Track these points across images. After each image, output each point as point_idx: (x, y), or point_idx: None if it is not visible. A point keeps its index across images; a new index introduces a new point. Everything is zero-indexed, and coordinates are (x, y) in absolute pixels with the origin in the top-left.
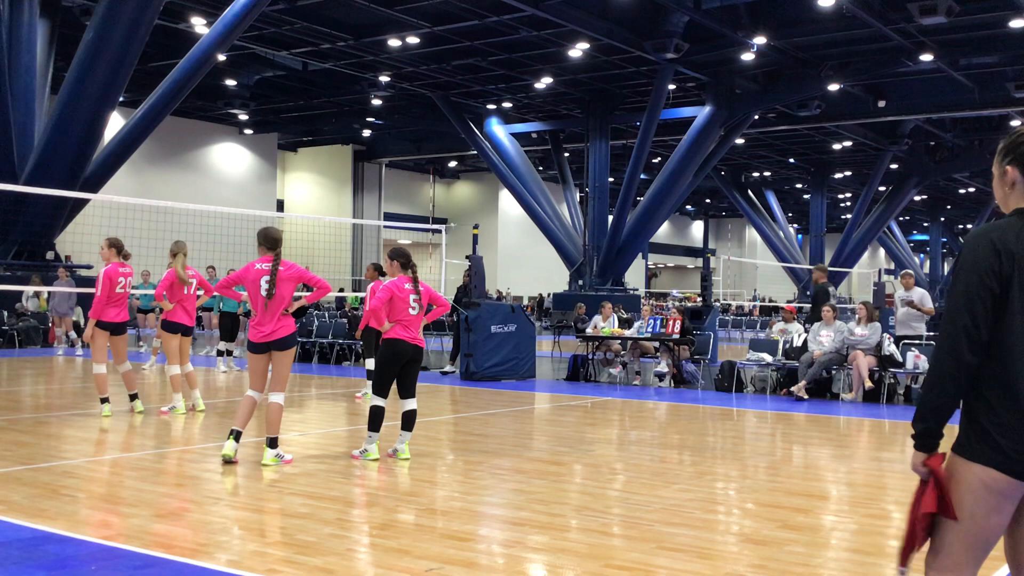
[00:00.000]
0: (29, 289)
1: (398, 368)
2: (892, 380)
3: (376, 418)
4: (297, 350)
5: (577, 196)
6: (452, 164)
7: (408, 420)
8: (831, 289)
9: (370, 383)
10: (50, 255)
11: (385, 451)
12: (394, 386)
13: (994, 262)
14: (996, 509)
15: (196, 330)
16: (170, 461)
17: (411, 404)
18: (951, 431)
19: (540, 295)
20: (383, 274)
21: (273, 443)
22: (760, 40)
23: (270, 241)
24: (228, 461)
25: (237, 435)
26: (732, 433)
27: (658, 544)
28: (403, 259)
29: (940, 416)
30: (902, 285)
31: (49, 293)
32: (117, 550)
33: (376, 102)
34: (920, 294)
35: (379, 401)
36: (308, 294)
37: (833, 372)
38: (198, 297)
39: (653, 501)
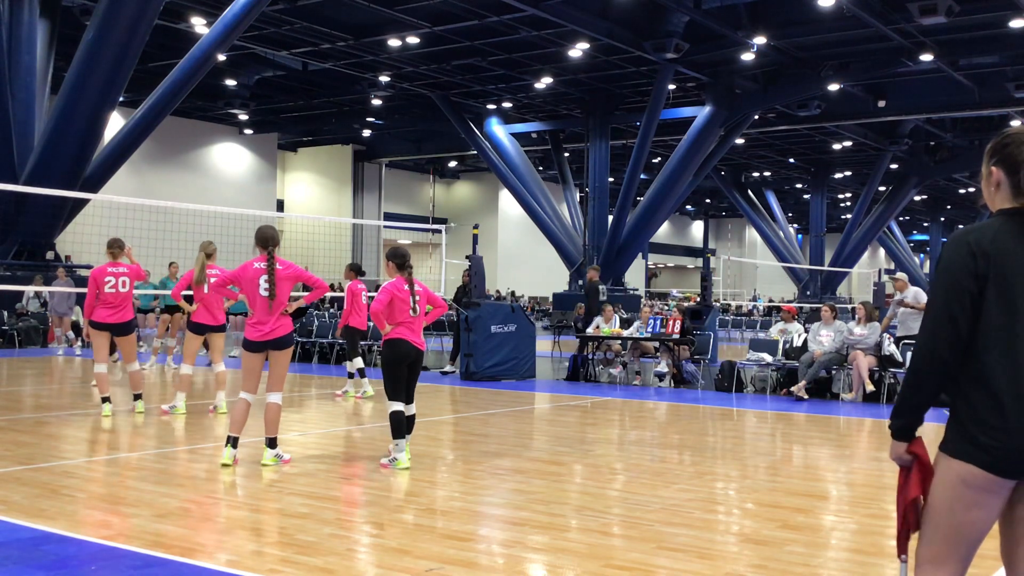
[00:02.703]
0: (30, 289)
1: (404, 369)
2: (892, 380)
3: (398, 424)
4: (296, 350)
5: (577, 196)
6: (452, 164)
7: (410, 425)
8: (602, 287)
9: (350, 382)
10: (50, 255)
11: (404, 460)
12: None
13: (970, 263)
14: (976, 504)
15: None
16: (170, 461)
17: (410, 410)
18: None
19: (511, 292)
20: (361, 274)
21: (272, 443)
22: (760, 40)
23: (262, 240)
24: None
25: (235, 441)
26: (732, 433)
27: (658, 544)
28: (399, 260)
29: (917, 412)
30: (896, 289)
31: (48, 293)
32: (117, 550)
33: (376, 102)
34: (914, 292)
35: (397, 406)
36: (306, 294)
37: (833, 372)
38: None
39: (653, 501)
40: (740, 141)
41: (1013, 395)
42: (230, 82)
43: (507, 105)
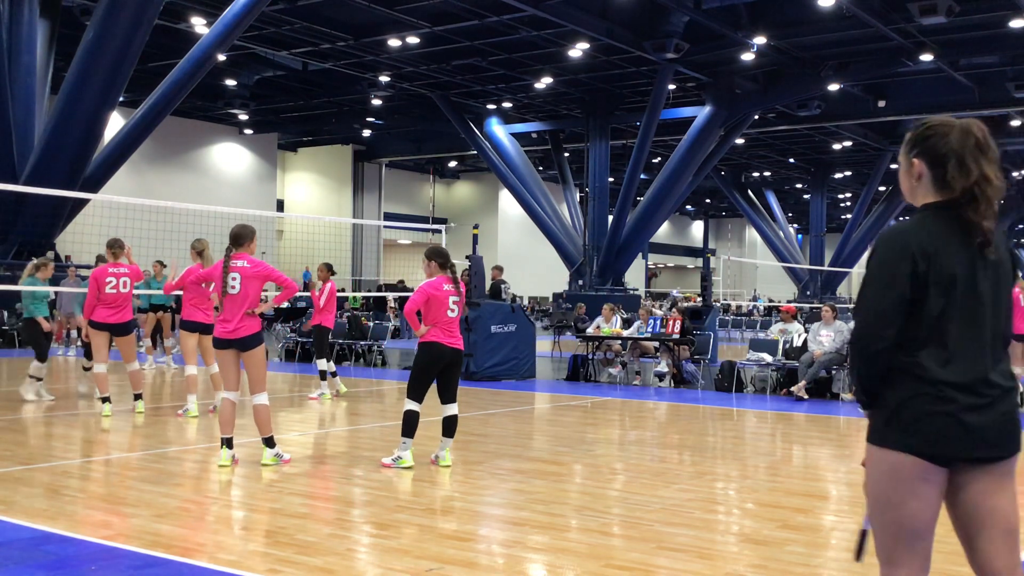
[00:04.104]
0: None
1: (435, 373)
2: None
3: (410, 424)
4: (296, 350)
5: (577, 196)
6: (452, 164)
7: (449, 426)
8: (504, 286)
9: (324, 384)
10: (50, 255)
11: (409, 458)
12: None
13: (909, 260)
14: (912, 494)
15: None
16: (170, 461)
17: (452, 409)
18: None
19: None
20: (333, 273)
21: (270, 442)
22: (760, 40)
23: (229, 238)
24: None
25: (229, 442)
26: (732, 433)
27: (658, 544)
28: (441, 259)
29: (872, 389)
30: None
31: (56, 294)
32: (117, 550)
33: (376, 102)
34: None
35: (413, 406)
36: (276, 295)
37: (833, 372)
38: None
39: (653, 501)
40: (740, 141)
41: (943, 382)
42: (230, 82)
43: (507, 105)
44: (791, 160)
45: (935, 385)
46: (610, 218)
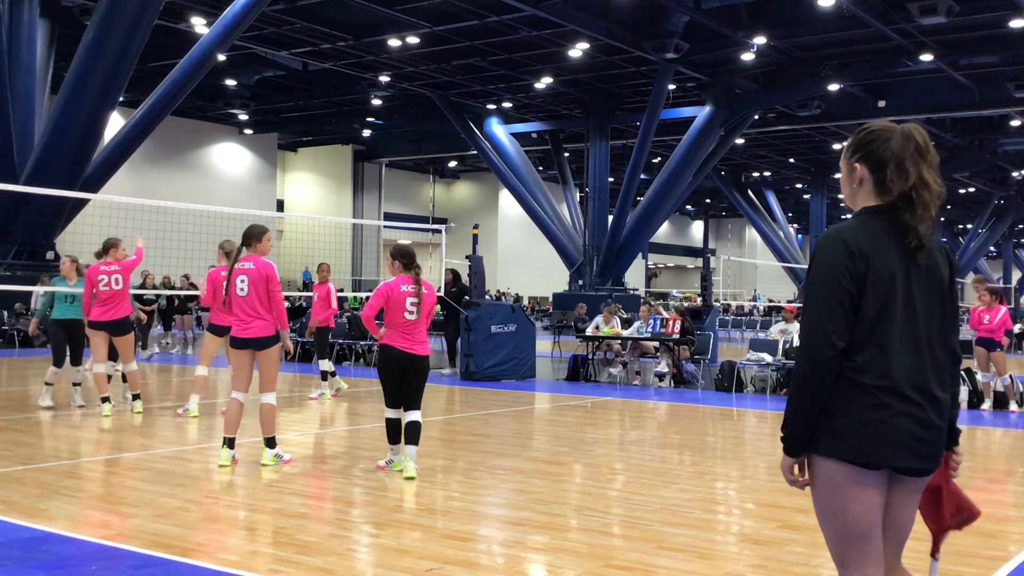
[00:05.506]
0: (39, 289)
1: (396, 375)
2: None
3: (391, 431)
4: (297, 349)
5: (577, 196)
6: (452, 164)
7: (411, 433)
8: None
9: (325, 384)
10: (50, 255)
11: (401, 462)
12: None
13: (849, 263)
14: (852, 499)
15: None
16: (170, 461)
17: (413, 416)
18: None
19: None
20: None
21: (271, 443)
22: (760, 40)
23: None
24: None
25: (231, 442)
26: (732, 433)
27: (658, 544)
28: (406, 259)
29: (807, 420)
30: None
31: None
32: (117, 550)
33: (376, 102)
34: None
35: (391, 413)
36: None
37: None
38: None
39: (653, 501)
40: (740, 141)
41: (877, 387)
42: (230, 82)
43: (507, 105)
44: (791, 160)
45: (870, 391)
46: (610, 218)
